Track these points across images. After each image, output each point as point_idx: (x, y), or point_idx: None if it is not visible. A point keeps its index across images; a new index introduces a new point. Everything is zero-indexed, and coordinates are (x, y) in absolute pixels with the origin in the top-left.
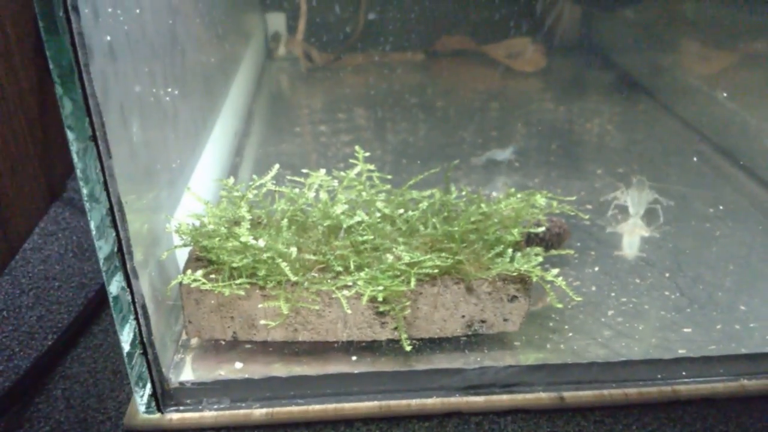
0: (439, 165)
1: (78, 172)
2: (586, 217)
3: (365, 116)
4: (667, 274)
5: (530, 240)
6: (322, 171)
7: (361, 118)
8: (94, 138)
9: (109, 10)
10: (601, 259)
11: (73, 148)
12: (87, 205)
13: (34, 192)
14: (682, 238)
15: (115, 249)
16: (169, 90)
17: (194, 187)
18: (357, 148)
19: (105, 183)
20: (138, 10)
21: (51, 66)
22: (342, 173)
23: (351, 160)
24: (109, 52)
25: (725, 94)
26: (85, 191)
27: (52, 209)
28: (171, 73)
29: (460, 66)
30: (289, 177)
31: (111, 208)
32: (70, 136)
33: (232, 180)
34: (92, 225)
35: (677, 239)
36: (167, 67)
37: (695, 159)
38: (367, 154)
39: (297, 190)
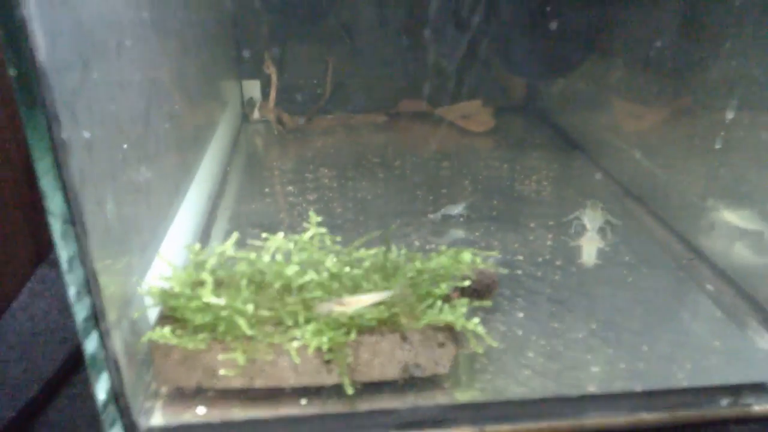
0: (393, 222)
1: (57, 249)
2: (505, 271)
3: (330, 176)
4: (583, 318)
5: (464, 291)
6: (281, 234)
7: (326, 178)
8: (72, 221)
9: (86, 111)
10: (527, 306)
11: (54, 228)
12: (65, 277)
13: (23, 255)
14: (599, 284)
15: (90, 313)
16: (143, 169)
17: (167, 250)
18: (311, 213)
19: (81, 258)
20: (114, 107)
21: (34, 163)
22: (297, 236)
23: (305, 224)
24: (86, 148)
25: (638, 154)
26: (63, 265)
27: (38, 270)
28: (145, 154)
29: (417, 127)
30: (250, 241)
31: (86, 279)
32: (51, 219)
33: (198, 246)
34: (70, 292)
35: (594, 285)
36: (141, 148)
37: (609, 220)
38: (320, 218)
39: (253, 255)
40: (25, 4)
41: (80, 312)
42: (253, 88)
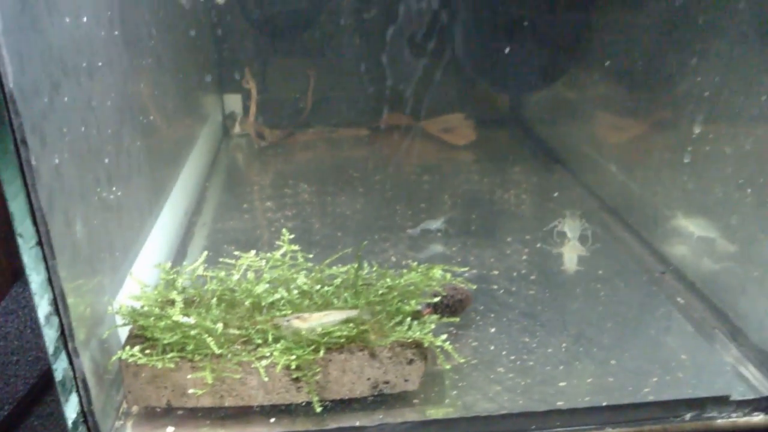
0: (371, 237)
1: (26, 270)
2: (474, 287)
3: (309, 191)
4: (554, 333)
5: (437, 307)
6: (252, 252)
7: (305, 193)
8: (40, 243)
9: (56, 134)
10: (499, 321)
11: (23, 251)
12: (35, 298)
13: (7, 275)
14: (572, 298)
15: (59, 334)
16: (114, 189)
17: (139, 268)
18: (284, 231)
19: (49, 279)
20: (83, 128)
21: (4, 186)
22: (269, 254)
23: (278, 242)
24: (55, 171)
25: (614, 167)
26: (32, 286)
27: (13, 289)
28: (117, 173)
29: (399, 140)
30: (222, 259)
31: (55, 299)
32: (20, 241)
33: (168, 265)
34: (39, 313)
35: (567, 299)
36: (113, 168)
37: (588, 228)
38: (293, 235)
39: (224, 273)
40: None
41: (49, 332)
42: (234, 102)
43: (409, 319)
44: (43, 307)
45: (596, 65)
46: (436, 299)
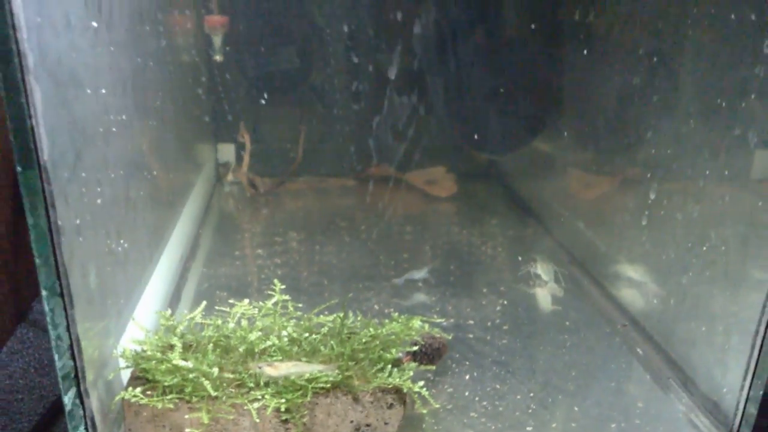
0: (356, 286)
1: (48, 318)
2: (451, 336)
3: (298, 239)
4: (523, 380)
5: (415, 355)
6: (246, 301)
7: (294, 242)
8: (61, 294)
9: (77, 195)
10: (474, 369)
11: (46, 301)
12: (53, 343)
13: (4, 315)
14: (540, 347)
15: (72, 374)
16: (121, 241)
17: (139, 313)
18: (275, 281)
19: (68, 327)
20: (98, 188)
21: (33, 244)
22: (261, 303)
23: (269, 292)
24: (76, 230)
25: (582, 223)
26: (51, 333)
27: (18, 330)
28: (124, 226)
29: (384, 191)
30: (217, 306)
31: (71, 345)
32: (45, 293)
33: (168, 312)
34: (56, 357)
35: (536, 349)
36: (121, 221)
37: (558, 271)
38: (284, 285)
39: (220, 322)
40: (34, 114)
41: (63, 372)
42: (227, 151)
43: (389, 366)
44: (59, 351)
45: (567, 128)
46: (415, 348)
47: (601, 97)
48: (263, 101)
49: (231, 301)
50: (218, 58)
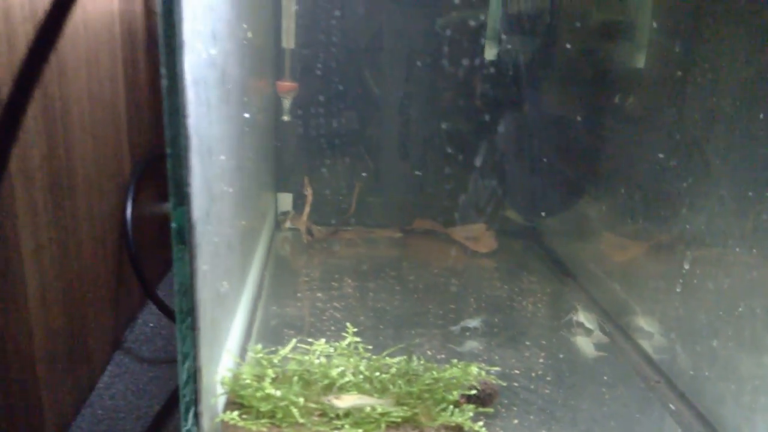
0: (407, 332)
1: (179, 349)
2: (504, 383)
3: (353, 285)
4: (566, 427)
5: (470, 398)
6: (323, 340)
7: (349, 287)
8: (193, 328)
9: (207, 246)
10: (521, 415)
11: (179, 333)
12: (183, 375)
13: (105, 343)
14: (581, 398)
15: (193, 398)
16: (224, 282)
17: (228, 346)
18: (348, 324)
19: (195, 357)
20: (216, 238)
21: (176, 284)
22: (336, 343)
23: (343, 333)
24: (203, 274)
25: (618, 286)
26: (181, 361)
27: (116, 355)
28: (227, 268)
29: (429, 243)
30: (300, 345)
31: (195, 372)
32: (179, 327)
33: (259, 346)
34: (181, 382)
35: (577, 399)
36: (226, 264)
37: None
38: (355, 329)
39: (306, 357)
40: (191, 183)
41: (187, 396)
42: (286, 200)
43: (451, 406)
44: (186, 377)
45: (605, 196)
46: (473, 392)
47: (639, 171)
48: (321, 157)
49: (296, 338)
50: (286, 118)
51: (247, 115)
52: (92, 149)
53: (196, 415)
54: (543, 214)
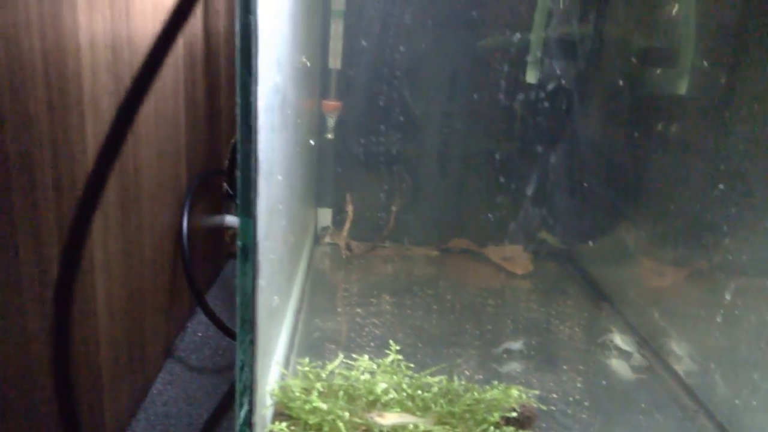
0: (445, 351)
1: (238, 362)
2: (543, 407)
3: (391, 302)
4: None
5: (509, 420)
6: (366, 356)
7: (387, 304)
8: (252, 343)
9: (264, 264)
10: None
11: (240, 346)
12: (239, 382)
13: (157, 351)
14: (619, 425)
15: (249, 408)
16: (275, 297)
17: (276, 358)
18: (391, 342)
19: (251, 369)
20: (272, 255)
21: (239, 302)
22: (379, 360)
23: (386, 351)
24: (261, 291)
25: (656, 312)
26: (237, 371)
27: (167, 364)
28: (278, 285)
29: (465, 263)
30: (345, 361)
31: (251, 384)
32: (240, 339)
33: (307, 360)
34: (238, 392)
35: (615, 425)
36: (278, 284)
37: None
38: (397, 347)
39: (353, 372)
40: (258, 204)
41: (243, 406)
42: (325, 215)
43: (492, 427)
44: (243, 388)
45: (644, 219)
46: (513, 414)
47: (680, 198)
48: (362, 175)
49: (338, 352)
50: (330, 136)
51: (312, 142)
52: (156, 165)
53: (251, 426)
54: (590, 242)
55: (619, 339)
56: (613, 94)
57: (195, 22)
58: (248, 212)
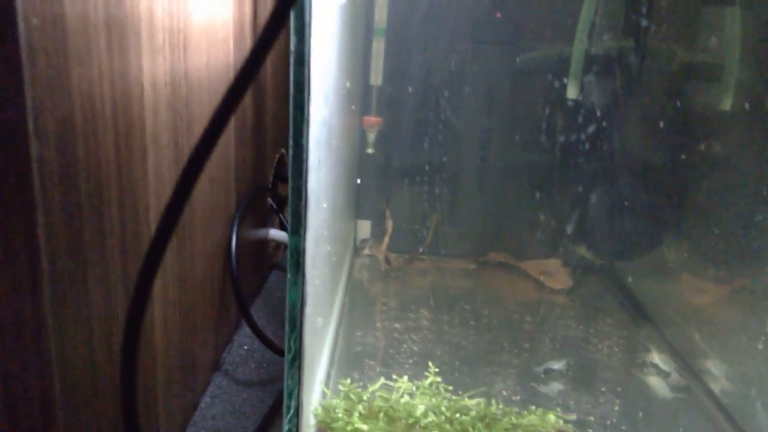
0: (482, 369)
1: (286, 385)
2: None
3: (428, 318)
4: None
5: None
6: (405, 377)
7: (425, 319)
8: (299, 367)
9: (310, 284)
10: None
11: (288, 369)
12: (286, 403)
13: (205, 366)
14: None
15: (295, 428)
16: (319, 320)
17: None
18: (430, 364)
19: (299, 392)
20: (317, 281)
21: (287, 325)
22: (419, 381)
23: (425, 372)
24: (307, 313)
25: (698, 334)
26: (286, 391)
27: (215, 377)
28: (321, 302)
29: (502, 276)
30: (385, 381)
31: (298, 406)
32: (289, 362)
33: (348, 381)
34: (286, 412)
35: None
36: (321, 303)
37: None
38: (435, 369)
39: (392, 396)
40: (307, 231)
41: (288, 425)
42: (365, 227)
43: None
44: (289, 408)
45: (686, 237)
46: None
47: (724, 218)
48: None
49: (377, 369)
50: (370, 151)
51: (359, 181)
52: (209, 190)
53: None
54: (630, 259)
55: (657, 358)
56: (656, 109)
57: (245, 42)
58: (297, 250)
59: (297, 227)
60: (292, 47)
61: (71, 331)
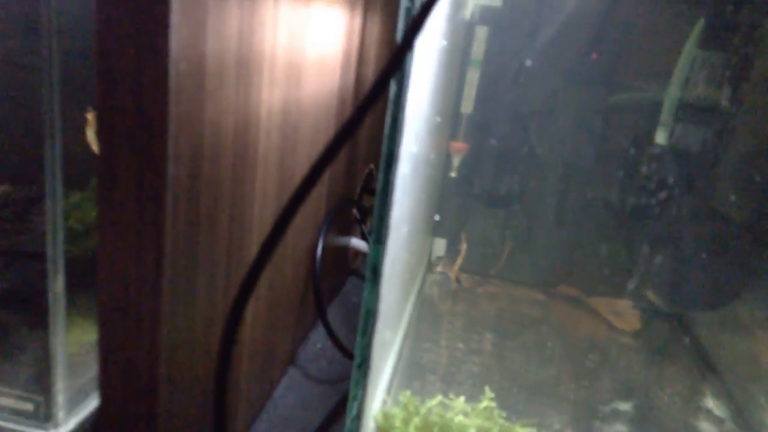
0: (538, 399)
1: (352, 388)
2: None
3: (492, 341)
4: None
5: None
6: (462, 398)
7: (488, 343)
8: (365, 372)
9: (385, 298)
10: None
11: (356, 374)
12: (350, 407)
13: (284, 357)
14: None
15: (356, 430)
16: (388, 333)
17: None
18: (486, 388)
19: (362, 397)
20: (392, 296)
21: (361, 343)
22: (474, 403)
23: (481, 396)
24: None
25: (764, 399)
26: (350, 401)
27: (289, 370)
28: (395, 318)
29: (570, 310)
30: (442, 399)
31: (360, 410)
32: (357, 367)
33: (408, 392)
34: (348, 417)
35: None
36: (394, 316)
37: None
38: (492, 393)
39: (448, 414)
40: (386, 259)
41: (350, 425)
42: (440, 245)
43: None
44: (352, 412)
45: (763, 293)
46: None
47: None
48: (480, 212)
49: (437, 386)
50: (453, 174)
51: (437, 217)
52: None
53: None
54: (703, 311)
55: (712, 403)
56: (745, 163)
57: (350, 69)
58: (376, 263)
59: (377, 254)
60: (390, 95)
61: (179, 321)
